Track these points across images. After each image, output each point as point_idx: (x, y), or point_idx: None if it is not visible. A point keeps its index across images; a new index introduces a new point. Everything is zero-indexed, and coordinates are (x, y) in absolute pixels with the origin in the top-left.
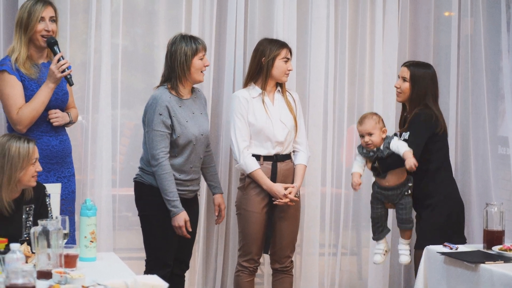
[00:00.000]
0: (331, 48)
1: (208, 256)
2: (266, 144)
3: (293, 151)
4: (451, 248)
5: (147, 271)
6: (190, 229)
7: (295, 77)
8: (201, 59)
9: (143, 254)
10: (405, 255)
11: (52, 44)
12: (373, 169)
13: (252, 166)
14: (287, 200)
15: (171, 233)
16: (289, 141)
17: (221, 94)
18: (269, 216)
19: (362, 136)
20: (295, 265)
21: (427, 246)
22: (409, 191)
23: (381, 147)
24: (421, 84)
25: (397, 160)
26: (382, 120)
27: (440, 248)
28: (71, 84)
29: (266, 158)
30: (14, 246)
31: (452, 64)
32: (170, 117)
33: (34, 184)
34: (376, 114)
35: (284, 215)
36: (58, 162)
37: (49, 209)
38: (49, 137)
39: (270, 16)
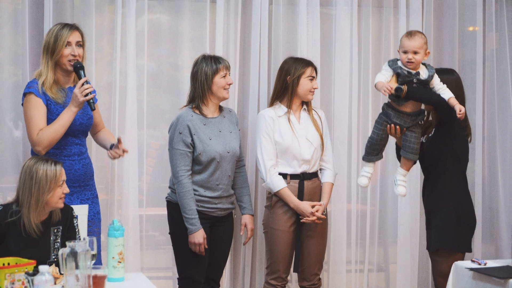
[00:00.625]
0: (355, 65)
1: (236, 274)
2: (292, 163)
3: (320, 169)
4: (480, 264)
5: None
6: (205, 247)
7: (320, 95)
8: (224, 77)
9: (170, 273)
10: (403, 186)
11: (78, 68)
12: (396, 89)
13: (279, 184)
14: (314, 218)
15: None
16: (316, 159)
17: (246, 113)
18: (297, 235)
19: (405, 52)
20: (323, 282)
21: (456, 262)
22: (422, 121)
23: (423, 73)
24: (449, 89)
25: (428, 95)
26: (427, 43)
27: (468, 263)
28: (92, 109)
29: (293, 176)
30: (43, 268)
31: (478, 79)
32: (191, 135)
33: (62, 205)
34: (424, 34)
35: (311, 233)
36: (81, 186)
37: (76, 230)
38: (72, 161)
39: (294, 35)
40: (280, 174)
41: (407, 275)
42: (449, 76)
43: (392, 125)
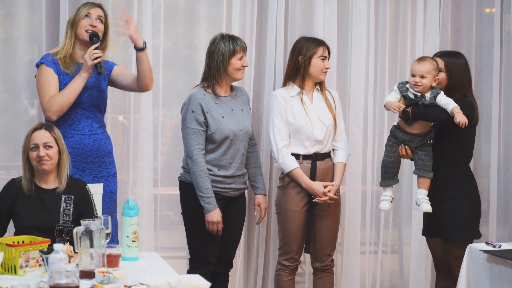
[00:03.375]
0: (372, 47)
1: (249, 255)
2: (305, 143)
3: (333, 150)
4: (494, 246)
5: (191, 269)
6: (221, 227)
7: (336, 76)
8: (240, 59)
9: (184, 253)
10: (426, 203)
11: (92, 36)
12: (403, 112)
13: (291, 165)
14: (326, 198)
15: (216, 232)
16: (328, 139)
17: (262, 93)
18: (309, 215)
19: (413, 75)
20: (336, 263)
21: (470, 244)
22: (431, 140)
23: (426, 96)
24: (457, 72)
25: (433, 114)
26: (438, 69)
27: (483, 246)
28: (98, 72)
29: (305, 157)
30: (57, 246)
31: (495, 62)
32: (204, 113)
33: (44, 167)
34: (435, 60)
35: (324, 213)
36: (94, 162)
37: (93, 203)
38: (81, 135)
39: (311, 15)
40: (292, 154)
41: (421, 257)
42: (457, 60)
43: (403, 146)
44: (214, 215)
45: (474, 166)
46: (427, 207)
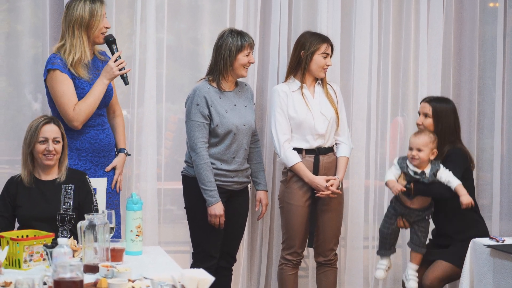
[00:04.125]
0: (375, 42)
1: (253, 249)
2: (307, 137)
3: (336, 144)
4: (498, 241)
5: (194, 263)
6: (223, 221)
7: (339, 72)
8: (247, 55)
9: (188, 248)
10: (414, 281)
11: (110, 42)
12: (405, 191)
13: (293, 159)
14: (329, 192)
15: (218, 226)
16: (330, 133)
17: (265, 88)
18: (312, 210)
19: (411, 148)
20: (340, 258)
21: (473, 239)
22: (430, 216)
23: (426, 172)
24: (445, 118)
25: (435, 191)
26: (436, 141)
27: (486, 240)
28: (126, 83)
29: (308, 151)
30: (61, 240)
31: (498, 56)
32: (208, 107)
33: (48, 162)
34: (433, 133)
35: (327, 207)
36: (105, 156)
37: (92, 193)
38: (97, 131)
39: (314, 10)
40: (295, 149)
41: None
42: (446, 105)
43: (400, 218)
44: (217, 208)
45: (478, 161)
46: (414, 285)
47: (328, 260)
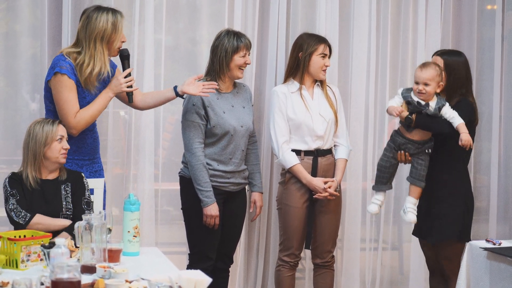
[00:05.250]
0: (373, 43)
1: (250, 250)
2: (306, 139)
3: (334, 145)
4: (494, 244)
5: (190, 264)
6: (218, 222)
7: (337, 73)
8: (243, 56)
9: (184, 249)
10: (413, 214)
11: (124, 57)
12: (406, 118)
13: (291, 161)
14: (326, 194)
15: (212, 226)
16: (329, 135)
17: (263, 89)
18: (310, 211)
19: (417, 83)
20: (337, 260)
21: (470, 242)
22: (430, 150)
23: (431, 105)
24: (457, 71)
25: (436, 125)
26: (442, 74)
27: (483, 243)
28: (130, 101)
29: (307, 153)
30: (59, 241)
31: (496, 59)
32: (204, 107)
33: (64, 161)
34: (439, 66)
35: (324, 209)
36: (90, 158)
37: (86, 189)
38: (85, 135)
39: (312, 11)
40: (294, 150)
41: (420, 254)
42: (458, 58)
43: (402, 152)
44: (212, 209)
45: (475, 163)
46: (413, 217)
47: (325, 262)
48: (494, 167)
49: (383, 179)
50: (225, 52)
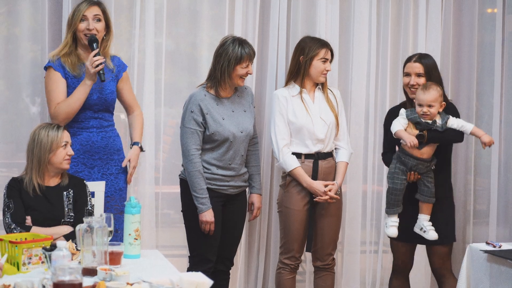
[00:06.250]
0: (373, 47)
1: (250, 253)
2: (307, 142)
3: (335, 148)
4: (494, 246)
5: (191, 267)
6: (213, 227)
7: (338, 76)
8: (246, 67)
9: (185, 251)
10: (433, 231)
11: (91, 41)
12: (418, 136)
13: (292, 164)
14: (327, 197)
15: (208, 231)
16: (330, 138)
17: (263, 93)
18: (311, 214)
19: (420, 105)
20: (337, 262)
21: (470, 244)
22: (434, 166)
23: (438, 122)
24: (434, 74)
25: (448, 137)
26: (443, 94)
27: (483, 246)
28: (102, 80)
29: (307, 156)
30: (60, 243)
31: (496, 62)
32: (203, 114)
33: (67, 167)
34: (439, 86)
35: (325, 212)
36: (102, 159)
37: (88, 197)
38: (90, 133)
39: (313, 15)
40: (294, 153)
41: (420, 257)
42: (432, 60)
43: (412, 172)
44: (208, 215)
45: (475, 166)
46: (435, 234)
47: (326, 264)
48: (494, 170)
49: (398, 201)
50: (228, 62)
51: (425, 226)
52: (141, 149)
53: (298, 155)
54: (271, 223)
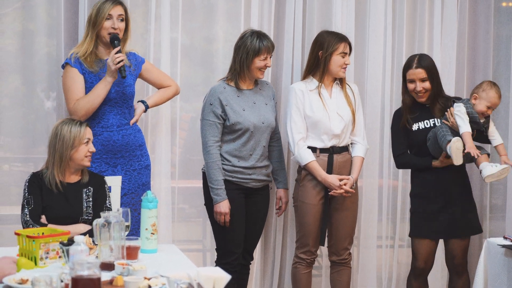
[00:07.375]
0: (389, 42)
1: (267, 247)
2: (322, 137)
3: (351, 143)
4: None
5: (217, 259)
6: (228, 219)
7: (353, 70)
8: (264, 59)
9: (200, 246)
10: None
11: (113, 39)
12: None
13: (307, 158)
14: (342, 191)
15: (235, 221)
16: (346, 134)
17: (279, 87)
18: (326, 208)
19: (489, 107)
20: (353, 257)
21: (488, 239)
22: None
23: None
24: (436, 74)
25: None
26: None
27: (500, 240)
28: (123, 76)
29: (322, 150)
30: (78, 238)
31: None
32: (222, 106)
33: (88, 164)
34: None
35: (340, 206)
36: (124, 156)
37: (108, 197)
38: (110, 132)
39: (329, 10)
40: (310, 147)
41: (437, 251)
42: (431, 61)
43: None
44: (222, 206)
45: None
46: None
47: (342, 259)
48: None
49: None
50: (246, 54)
51: (494, 164)
52: (145, 106)
53: (313, 149)
54: (287, 217)
